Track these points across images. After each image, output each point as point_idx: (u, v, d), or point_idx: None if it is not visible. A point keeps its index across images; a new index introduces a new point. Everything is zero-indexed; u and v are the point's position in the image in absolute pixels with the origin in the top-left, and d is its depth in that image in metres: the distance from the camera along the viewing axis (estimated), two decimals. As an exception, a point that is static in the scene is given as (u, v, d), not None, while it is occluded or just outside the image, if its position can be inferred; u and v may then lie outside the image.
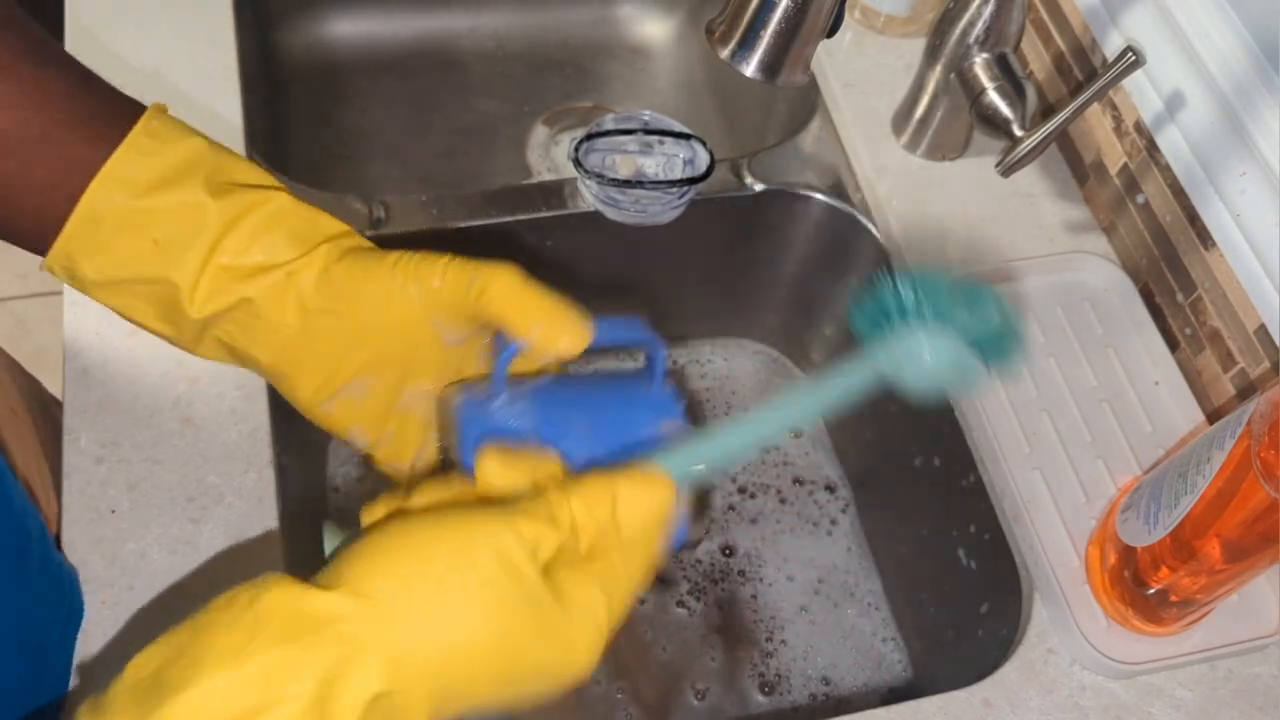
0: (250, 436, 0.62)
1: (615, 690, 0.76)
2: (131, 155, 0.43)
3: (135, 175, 0.43)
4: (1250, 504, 0.52)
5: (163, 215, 0.44)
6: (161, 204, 0.44)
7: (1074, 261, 0.75)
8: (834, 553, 0.83)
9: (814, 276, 0.85)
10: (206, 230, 0.44)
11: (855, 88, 0.83)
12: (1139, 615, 0.60)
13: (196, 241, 0.44)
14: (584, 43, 1.03)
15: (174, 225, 0.44)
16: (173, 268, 0.44)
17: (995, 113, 0.68)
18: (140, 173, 0.43)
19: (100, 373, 0.63)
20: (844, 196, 0.80)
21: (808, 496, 0.85)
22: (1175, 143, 0.70)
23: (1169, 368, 0.71)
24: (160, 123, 0.45)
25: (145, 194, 0.43)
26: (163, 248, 0.44)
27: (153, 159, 0.44)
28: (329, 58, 0.98)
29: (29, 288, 1.55)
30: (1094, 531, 0.63)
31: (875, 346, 0.46)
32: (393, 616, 0.35)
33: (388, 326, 0.46)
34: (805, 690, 0.77)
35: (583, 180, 0.74)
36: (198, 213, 0.44)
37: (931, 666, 0.77)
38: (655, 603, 0.79)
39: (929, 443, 0.74)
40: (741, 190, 0.79)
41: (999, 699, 0.59)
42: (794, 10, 0.58)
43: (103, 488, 0.60)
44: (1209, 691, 0.61)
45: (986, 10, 0.68)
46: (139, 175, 0.43)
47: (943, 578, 0.74)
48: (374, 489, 0.80)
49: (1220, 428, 0.54)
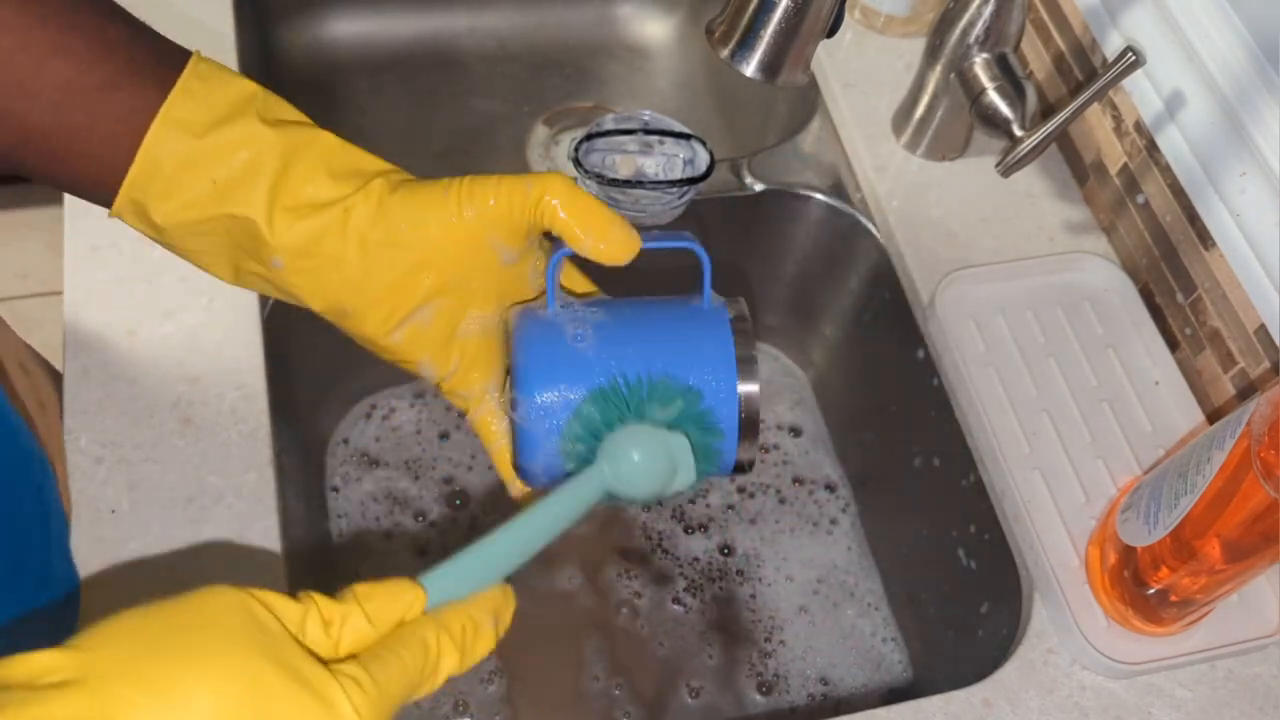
0: (250, 436, 0.62)
1: (613, 686, 0.76)
2: (184, 98, 0.44)
3: (190, 117, 0.44)
4: (1250, 504, 0.52)
5: (220, 154, 0.44)
6: (218, 143, 0.44)
7: (1074, 261, 0.75)
8: (834, 552, 0.83)
9: (814, 276, 0.85)
10: (265, 168, 0.45)
11: (855, 88, 0.83)
12: (1139, 615, 0.60)
13: (257, 179, 0.44)
14: (584, 43, 1.03)
15: (232, 164, 0.44)
16: (237, 205, 0.45)
17: (995, 113, 0.68)
18: (195, 114, 0.44)
19: (100, 373, 0.63)
20: (844, 196, 0.80)
21: (808, 496, 0.85)
22: (1175, 143, 0.70)
23: (1169, 368, 0.71)
24: (207, 65, 0.45)
25: (202, 134, 0.44)
26: (221, 187, 0.44)
27: (204, 100, 0.44)
28: (329, 58, 0.98)
29: (29, 288, 1.55)
30: (1094, 531, 0.63)
31: (590, 462, 0.46)
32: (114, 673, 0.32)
33: (447, 251, 0.47)
34: (804, 690, 0.77)
35: (583, 180, 0.74)
36: (255, 150, 0.44)
37: (931, 666, 0.77)
38: (652, 600, 0.79)
39: (929, 443, 0.74)
40: (741, 190, 0.79)
41: (999, 699, 0.59)
42: (794, 10, 0.58)
43: (103, 488, 0.60)
44: (1209, 691, 0.61)
45: (986, 10, 0.68)
46: (194, 117, 0.44)
47: (943, 578, 0.74)
48: (373, 491, 0.81)
49: (1220, 428, 0.54)
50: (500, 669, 0.75)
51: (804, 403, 0.90)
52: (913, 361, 0.74)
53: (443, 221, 0.46)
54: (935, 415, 0.72)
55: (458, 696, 0.74)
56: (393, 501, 0.81)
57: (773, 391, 0.90)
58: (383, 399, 0.85)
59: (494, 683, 0.75)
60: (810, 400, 0.90)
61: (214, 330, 0.65)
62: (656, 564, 0.81)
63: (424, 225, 0.46)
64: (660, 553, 0.81)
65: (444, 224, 0.46)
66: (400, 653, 0.38)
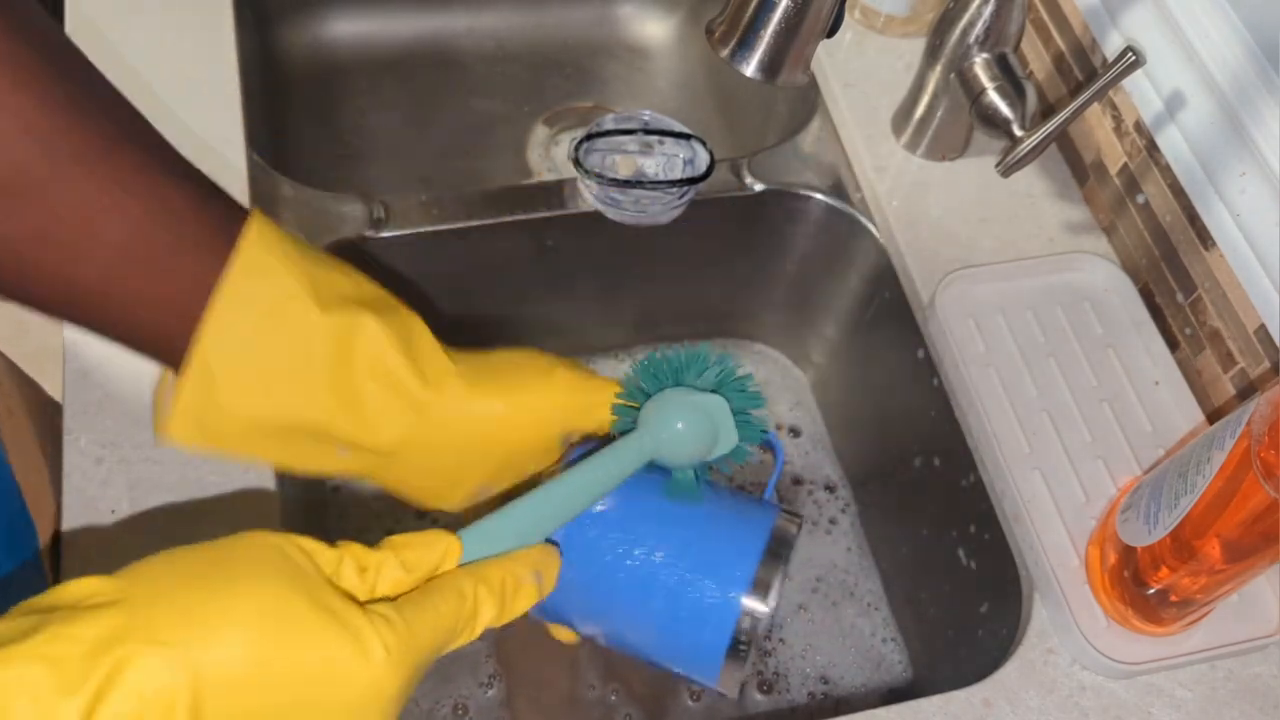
0: (250, 436, 0.62)
1: (612, 688, 0.76)
2: (231, 301, 0.42)
3: (238, 319, 0.42)
4: (1250, 504, 0.52)
5: (274, 352, 0.43)
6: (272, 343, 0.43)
7: (1074, 261, 0.75)
8: (834, 552, 0.83)
9: (814, 276, 0.85)
10: (321, 363, 0.43)
11: (855, 88, 0.83)
12: (1139, 615, 0.60)
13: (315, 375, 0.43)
14: (584, 43, 1.03)
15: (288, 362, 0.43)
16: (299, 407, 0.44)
17: (995, 113, 0.68)
18: (243, 315, 0.42)
19: (100, 373, 0.63)
20: (844, 196, 0.80)
21: (807, 496, 0.85)
22: (1175, 143, 0.70)
23: (1169, 368, 0.71)
24: (259, 247, 0.42)
25: (253, 334, 0.42)
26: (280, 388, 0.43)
27: (252, 299, 0.42)
28: (329, 58, 0.98)
29: (29, 288, 1.55)
30: (1094, 531, 0.63)
31: (632, 426, 0.47)
32: (152, 597, 0.35)
33: (535, 445, 0.49)
34: (804, 690, 0.77)
35: (583, 180, 0.74)
36: (308, 345, 0.43)
37: (931, 666, 0.77)
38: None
39: (929, 443, 0.74)
40: (741, 190, 0.79)
41: (999, 699, 0.59)
42: (794, 10, 0.58)
43: (103, 488, 0.60)
44: (1209, 691, 0.61)
45: (986, 10, 0.68)
46: (242, 318, 0.42)
47: (943, 578, 0.74)
48: (373, 490, 0.80)
49: (1220, 428, 0.54)
50: (499, 673, 0.75)
51: (804, 403, 0.90)
52: (913, 361, 0.74)
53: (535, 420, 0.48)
54: (935, 415, 0.72)
55: (458, 700, 0.74)
56: (393, 501, 0.81)
57: (773, 392, 0.90)
58: (383, 399, 0.85)
59: (493, 686, 0.75)
60: (810, 400, 0.90)
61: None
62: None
63: (518, 427, 0.47)
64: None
65: (536, 423, 0.48)
66: (434, 598, 0.39)
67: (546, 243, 0.78)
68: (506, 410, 0.47)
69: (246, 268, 0.42)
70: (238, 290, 0.42)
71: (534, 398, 0.47)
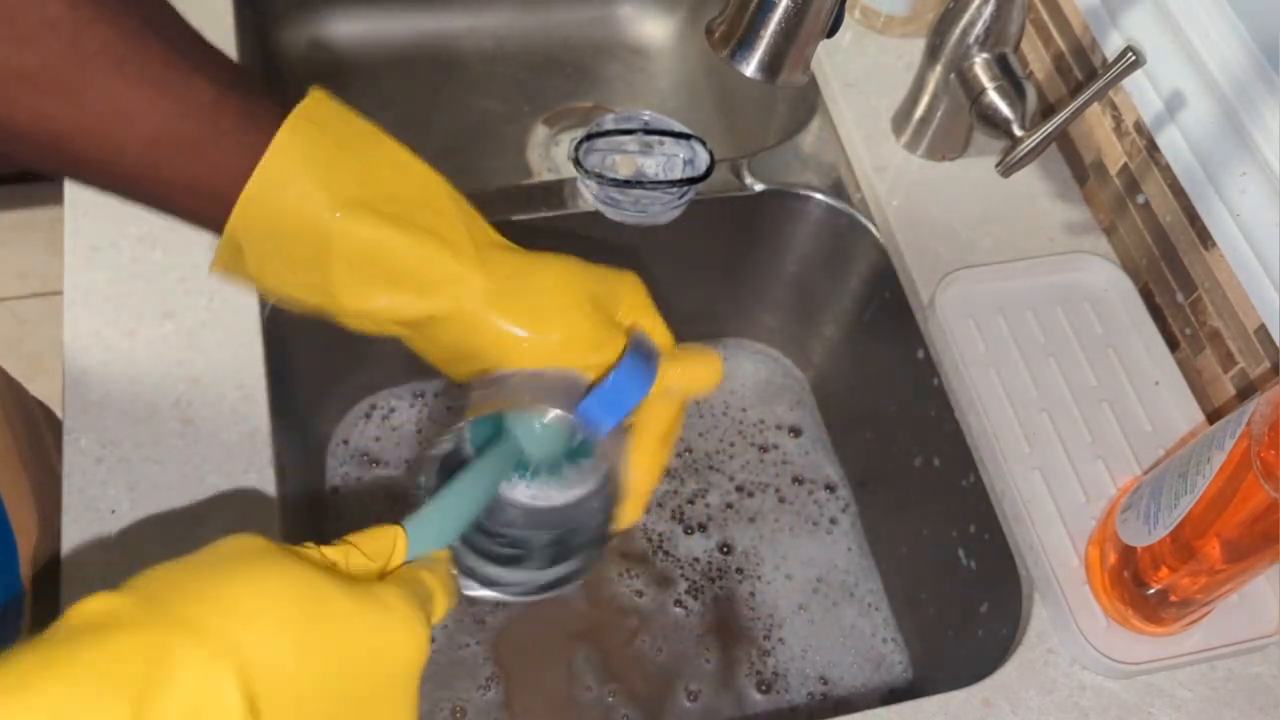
0: (250, 436, 0.62)
1: (610, 689, 0.76)
2: (260, 186, 0.43)
3: (268, 203, 0.43)
4: (1250, 504, 0.52)
5: (292, 251, 0.44)
6: (288, 243, 0.44)
7: (1074, 261, 0.75)
8: (833, 552, 0.83)
9: (814, 276, 0.85)
10: (337, 264, 0.44)
11: (855, 88, 0.83)
12: (1139, 615, 0.60)
13: (331, 270, 0.44)
14: (584, 43, 1.03)
15: (301, 261, 0.45)
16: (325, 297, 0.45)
17: (995, 113, 0.68)
18: (273, 198, 0.43)
19: (100, 373, 0.63)
20: (844, 196, 0.80)
21: (807, 496, 0.85)
22: (1175, 143, 0.70)
23: (1169, 368, 0.71)
24: (298, 134, 0.44)
25: (278, 220, 0.44)
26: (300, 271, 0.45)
27: (283, 184, 0.44)
28: (329, 57, 0.98)
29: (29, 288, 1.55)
30: (1094, 531, 0.63)
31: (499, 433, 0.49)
32: (175, 597, 0.34)
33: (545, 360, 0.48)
34: (803, 690, 0.77)
35: (583, 180, 0.74)
36: (319, 252, 0.44)
37: (931, 666, 0.77)
38: (652, 600, 0.79)
39: (929, 443, 0.74)
40: (741, 190, 0.79)
41: (999, 699, 0.59)
42: (794, 10, 0.58)
43: (103, 488, 0.60)
44: (1209, 691, 0.61)
45: (986, 10, 0.68)
46: (270, 205, 0.43)
47: (943, 578, 0.74)
48: (373, 491, 0.81)
49: (1220, 428, 0.54)
50: (497, 675, 0.75)
51: (804, 403, 0.90)
52: (913, 361, 0.74)
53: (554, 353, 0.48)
54: (935, 415, 0.72)
55: (456, 703, 0.74)
56: (393, 501, 0.81)
57: (773, 392, 0.90)
58: (383, 399, 0.85)
59: (491, 689, 0.75)
60: (810, 400, 0.90)
61: (214, 330, 0.65)
62: (656, 566, 0.81)
63: (537, 351, 0.47)
64: (660, 554, 0.81)
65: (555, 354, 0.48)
66: (407, 577, 0.40)
67: (547, 243, 0.78)
68: (529, 334, 0.47)
69: (266, 176, 0.43)
70: (259, 192, 0.43)
71: (557, 331, 0.47)
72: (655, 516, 0.83)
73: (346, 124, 0.47)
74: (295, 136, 0.44)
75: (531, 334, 0.47)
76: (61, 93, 0.40)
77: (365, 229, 0.44)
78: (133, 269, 0.66)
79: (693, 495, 0.84)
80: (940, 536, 0.73)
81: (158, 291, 0.66)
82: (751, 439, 0.87)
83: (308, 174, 0.44)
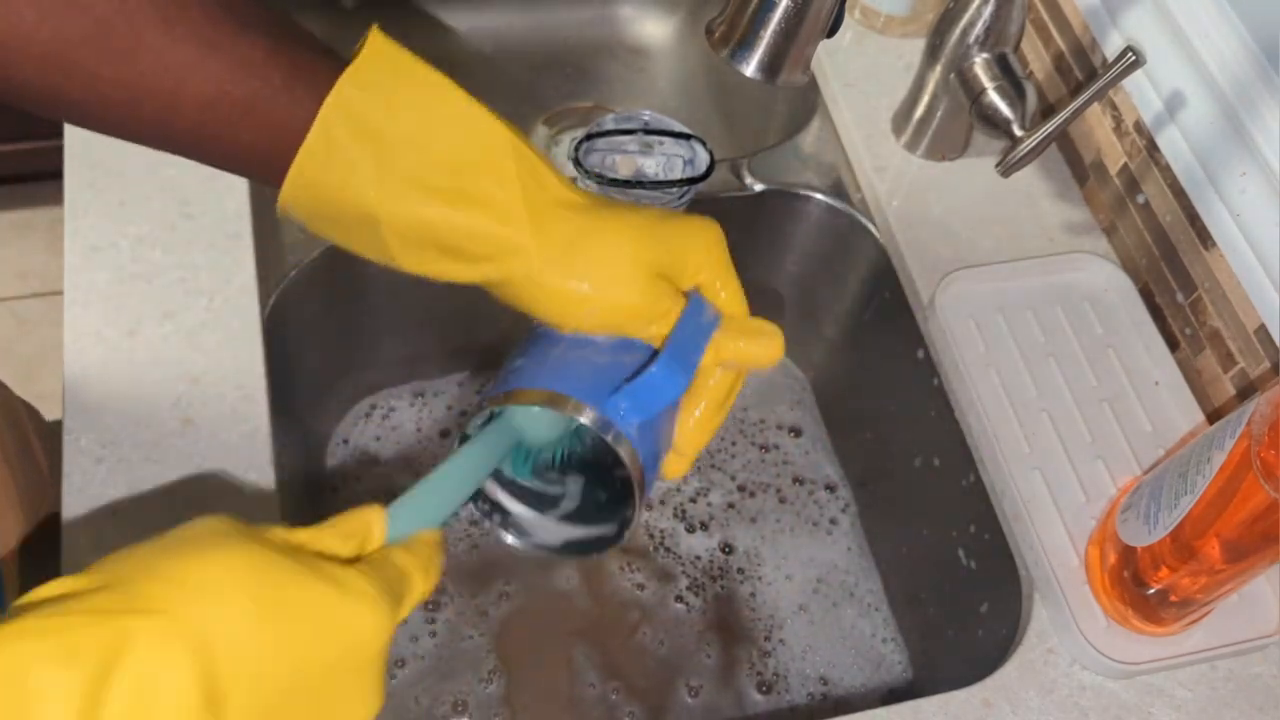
0: (250, 436, 0.62)
1: (612, 685, 0.76)
2: (306, 160, 0.43)
3: (315, 179, 0.44)
4: (1250, 504, 0.52)
5: (338, 220, 0.45)
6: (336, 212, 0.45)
7: (1074, 261, 0.75)
8: (834, 552, 0.83)
9: (814, 276, 0.85)
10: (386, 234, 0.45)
11: (855, 88, 0.83)
12: (1139, 615, 0.60)
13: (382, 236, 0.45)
14: (584, 43, 1.03)
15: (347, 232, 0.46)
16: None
17: (995, 113, 0.68)
18: (319, 175, 0.44)
19: (100, 372, 0.63)
20: (844, 196, 0.80)
21: (808, 496, 0.85)
22: (1175, 143, 0.70)
23: (1169, 368, 0.71)
24: (346, 100, 0.43)
25: (326, 195, 0.44)
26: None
27: (328, 159, 0.43)
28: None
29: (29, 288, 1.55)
30: (1094, 531, 0.63)
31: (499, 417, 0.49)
32: (137, 574, 0.35)
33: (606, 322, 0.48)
34: (803, 690, 0.77)
35: (583, 180, 0.74)
36: (365, 227, 0.45)
37: (931, 666, 0.77)
38: (654, 594, 0.79)
39: (929, 443, 0.74)
40: (741, 190, 0.79)
41: (999, 699, 0.59)
42: (794, 10, 0.58)
43: (103, 488, 0.60)
44: (1209, 691, 0.61)
45: (986, 10, 0.68)
46: (317, 180, 0.44)
47: (943, 578, 0.74)
48: (373, 491, 0.81)
49: (1220, 428, 0.54)
50: (499, 668, 0.75)
51: (804, 403, 0.90)
52: (913, 361, 0.74)
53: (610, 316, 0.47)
54: (935, 415, 0.72)
55: (457, 696, 0.74)
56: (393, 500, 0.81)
57: (773, 391, 0.90)
58: (382, 399, 0.85)
59: (493, 682, 0.75)
60: (810, 400, 0.90)
61: (214, 330, 0.65)
62: (657, 562, 0.81)
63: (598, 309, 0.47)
64: (661, 551, 0.81)
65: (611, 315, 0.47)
66: (381, 561, 0.40)
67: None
68: (582, 304, 0.46)
69: (311, 150, 0.43)
70: (306, 166, 0.43)
71: (609, 302, 0.46)
72: (657, 514, 0.83)
73: (404, 78, 0.45)
74: (342, 103, 0.43)
75: (584, 305, 0.46)
76: (115, 53, 0.40)
77: (410, 208, 0.44)
78: (133, 269, 0.66)
79: (695, 494, 0.84)
80: (940, 536, 0.73)
81: (158, 291, 0.66)
82: (752, 439, 0.87)
83: (356, 145, 0.43)
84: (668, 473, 0.50)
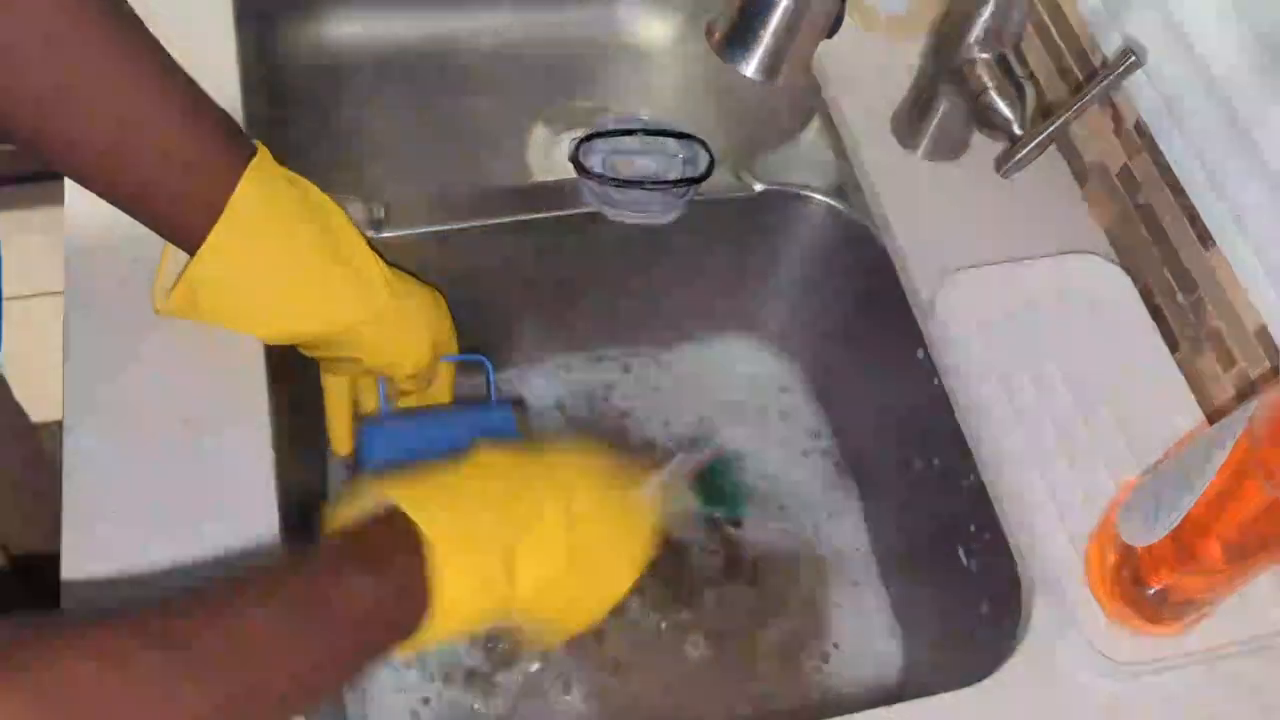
0: (250, 437, 0.62)
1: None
2: (211, 249, 0.57)
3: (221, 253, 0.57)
4: (1251, 504, 0.52)
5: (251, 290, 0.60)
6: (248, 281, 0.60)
7: (1074, 262, 0.75)
8: (834, 552, 0.83)
9: (814, 276, 0.85)
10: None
11: (855, 88, 0.83)
12: (1139, 615, 0.60)
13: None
14: (584, 43, 1.03)
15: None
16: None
17: (995, 113, 0.68)
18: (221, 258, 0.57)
19: (100, 372, 0.63)
20: (844, 196, 0.80)
21: (808, 496, 0.85)
22: (1175, 143, 0.70)
23: (1169, 368, 0.71)
24: (253, 186, 0.57)
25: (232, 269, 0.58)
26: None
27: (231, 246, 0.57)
28: (329, 58, 0.98)
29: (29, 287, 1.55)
30: (1094, 531, 0.63)
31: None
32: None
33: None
34: (804, 690, 0.77)
35: (583, 180, 0.74)
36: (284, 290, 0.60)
37: (931, 667, 0.77)
38: (652, 598, 0.79)
39: (929, 443, 0.74)
40: (741, 190, 0.79)
41: (999, 699, 0.59)
42: (794, 10, 0.58)
43: (103, 488, 0.60)
44: (1209, 691, 0.61)
45: (986, 10, 0.68)
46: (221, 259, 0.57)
47: (943, 578, 0.74)
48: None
49: (1220, 428, 0.54)
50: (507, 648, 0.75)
51: (804, 403, 0.90)
52: (913, 361, 0.74)
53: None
54: (935, 415, 0.72)
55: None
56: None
57: (773, 391, 0.90)
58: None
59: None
60: (810, 400, 0.90)
61: (214, 330, 0.65)
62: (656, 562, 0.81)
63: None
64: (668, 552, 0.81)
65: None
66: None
67: (547, 243, 0.78)
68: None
69: (231, 221, 0.56)
70: (224, 236, 0.57)
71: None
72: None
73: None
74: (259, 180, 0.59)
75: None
76: (77, 100, 0.50)
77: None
78: (133, 269, 0.66)
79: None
80: (940, 536, 0.73)
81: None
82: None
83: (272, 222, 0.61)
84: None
